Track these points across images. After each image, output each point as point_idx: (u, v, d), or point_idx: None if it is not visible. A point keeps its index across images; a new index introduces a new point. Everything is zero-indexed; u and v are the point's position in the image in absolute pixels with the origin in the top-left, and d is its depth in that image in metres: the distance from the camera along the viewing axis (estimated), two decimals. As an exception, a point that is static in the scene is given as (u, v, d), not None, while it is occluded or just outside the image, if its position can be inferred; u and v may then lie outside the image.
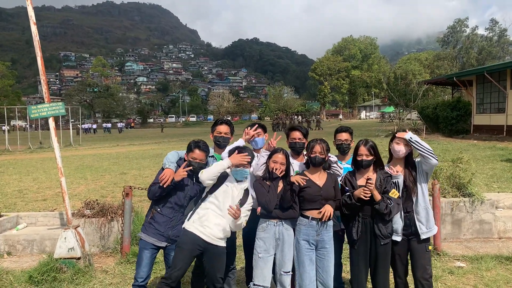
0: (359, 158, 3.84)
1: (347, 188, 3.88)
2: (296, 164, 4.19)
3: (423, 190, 3.87)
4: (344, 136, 4.38)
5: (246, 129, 4.34)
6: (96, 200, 6.78)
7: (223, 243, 3.80)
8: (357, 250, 3.84)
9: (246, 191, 3.88)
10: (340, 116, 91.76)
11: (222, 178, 3.76)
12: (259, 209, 3.85)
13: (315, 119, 57.38)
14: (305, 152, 4.10)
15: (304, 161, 4.13)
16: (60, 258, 5.23)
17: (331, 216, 3.74)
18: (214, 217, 3.73)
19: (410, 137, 3.78)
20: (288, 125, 49.11)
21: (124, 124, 77.44)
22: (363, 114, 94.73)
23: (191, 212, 3.86)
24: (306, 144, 4.14)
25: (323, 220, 3.73)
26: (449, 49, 67.96)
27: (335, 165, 4.01)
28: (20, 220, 6.97)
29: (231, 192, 3.76)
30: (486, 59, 60.80)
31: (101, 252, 6.26)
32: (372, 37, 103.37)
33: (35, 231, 6.56)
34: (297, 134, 4.18)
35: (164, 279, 3.65)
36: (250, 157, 3.76)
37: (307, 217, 3.80)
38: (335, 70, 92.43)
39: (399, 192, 3.82)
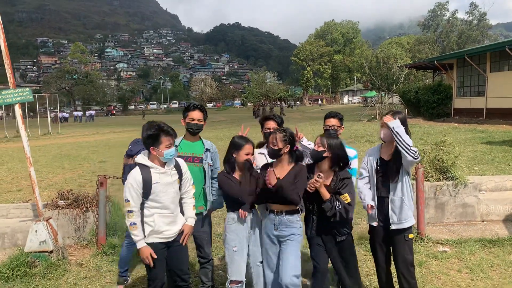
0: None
1: None
2: None
3: (404, 181, 3.64)
4: (332, 121, 4.29)
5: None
6: (71, 190, 6.50)
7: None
8: (313, 242, 3.68)
9: (177, 165, 3.57)
10: (319, 102, 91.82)
11: (148, 184, 3.36)
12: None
13: (279, 106, 56.68)
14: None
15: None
16: (32, 252, 4.98)
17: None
18: (164, 218, 3.45)
19: (393, 127, 3.48)
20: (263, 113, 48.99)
21: (94, 112, 71.41)
22: (345, 99, 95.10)
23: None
24: None
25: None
26: (429, 33, 68.39)
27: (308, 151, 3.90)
28: (-10, 212, 6.66)
29: (165, 182, 3.42)
30: (466, 43, 61.39)
31: (77, 244, 6.01)
32: (354, 22, 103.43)
33: (6, 223, 6.26)
34: (271, 124, 4.08)
35: None
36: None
37: (267, 208, 3.65)
38: (317, 55, 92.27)
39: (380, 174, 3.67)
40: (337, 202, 3.39)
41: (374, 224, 3.76)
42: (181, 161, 3.66)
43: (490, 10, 67.65)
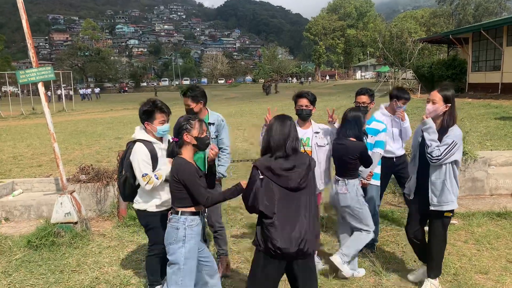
0: None
1: None
2: (301, 132, 4.13)
3: (448, 165, 3.57)
4: (363, 98, 4.52)
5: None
6: (91, 165, 6.76)
7: None
8: None
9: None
10: (327, 78, 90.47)
11: (155, 158, 3.50)
12: None
13: (274, 82, 55.18)
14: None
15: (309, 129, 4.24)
16: (57, 223, 5.28)
17: None
18: (167, 189, 3.55)
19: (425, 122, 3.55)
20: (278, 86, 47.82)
21: (99, 89, 69.92)
22: (358, 74, 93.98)
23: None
24: (313, 111, 4.18)
25: None
26: (445, 5, 66.76)
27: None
28: (15, 187, 7.00)
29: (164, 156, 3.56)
30: (483, 16, 59.88)
31: (98, 216, 6.31)
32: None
33: (31, 197, 6.59)
34: (304, 101, 4.14)
35: None
36: None
37: None
38: (330, 30, 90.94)
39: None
40: None
41: (410, 197, 3.88)
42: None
43: (509, -19, 65.55)
